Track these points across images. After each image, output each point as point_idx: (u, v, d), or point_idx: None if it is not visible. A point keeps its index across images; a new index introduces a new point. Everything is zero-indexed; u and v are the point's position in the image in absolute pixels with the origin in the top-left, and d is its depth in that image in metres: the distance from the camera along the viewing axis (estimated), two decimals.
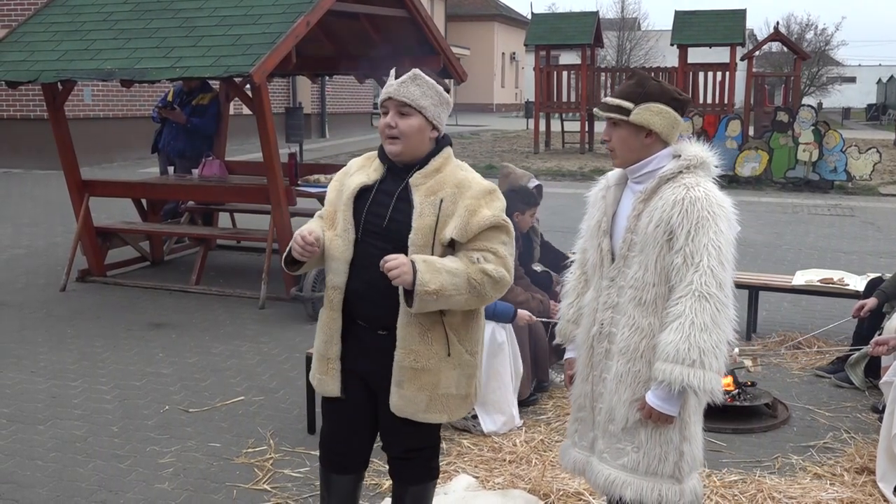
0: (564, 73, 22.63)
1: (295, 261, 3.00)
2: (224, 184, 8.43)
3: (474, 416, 4.74)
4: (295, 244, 2.90)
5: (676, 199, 2.71)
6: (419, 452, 3.09)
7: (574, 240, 3.20)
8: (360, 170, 3.02)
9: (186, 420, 4.95)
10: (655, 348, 2.73)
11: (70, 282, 7.89)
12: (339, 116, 26.62)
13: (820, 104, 46.04)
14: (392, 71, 2.92)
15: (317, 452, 4.39)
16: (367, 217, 2.91)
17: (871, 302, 5.34)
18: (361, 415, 3.08)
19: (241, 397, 5.30)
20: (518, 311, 4.86)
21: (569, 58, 32.40)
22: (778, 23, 24.84)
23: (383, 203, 2.90)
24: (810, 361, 5.98)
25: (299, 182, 8.06)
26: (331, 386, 3.05)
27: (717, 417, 4.83)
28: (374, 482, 4.11)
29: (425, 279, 2.73)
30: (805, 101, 36.22)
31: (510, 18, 50.34)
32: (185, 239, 9.30)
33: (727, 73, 19.98)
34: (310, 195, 7.98)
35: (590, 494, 3.98)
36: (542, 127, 22.91)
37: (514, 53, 51.84)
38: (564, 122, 24.44)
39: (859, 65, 64.44)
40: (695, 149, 2.84)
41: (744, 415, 4.95)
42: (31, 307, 7.27)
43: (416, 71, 2.88)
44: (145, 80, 7.00)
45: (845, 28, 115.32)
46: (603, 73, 23.29)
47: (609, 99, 2.88)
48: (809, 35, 51.22)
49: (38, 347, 6.21)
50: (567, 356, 3.21)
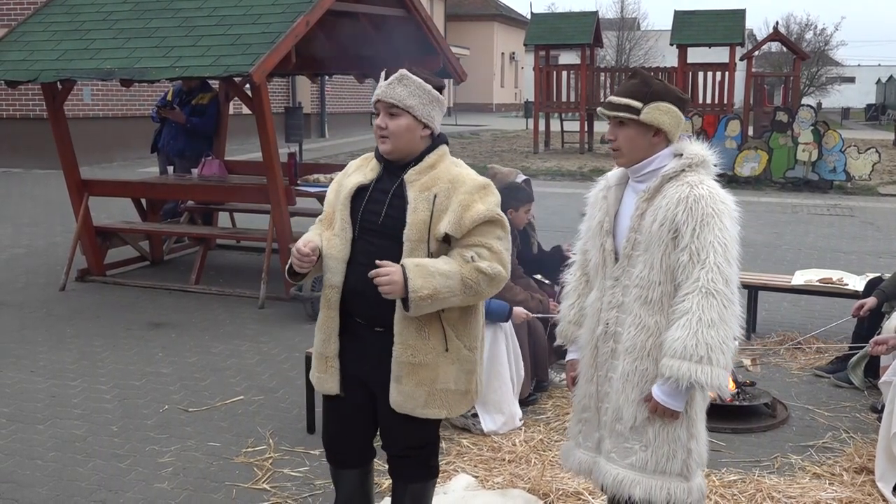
0: (564, 73, 22.64)
1: (297, 272, 3.04)
2: (223, 183, 8.43)
3: (474, 415, 4.74)
4: (293, 258, 2.95)
5: (681, 198, 2.71)
6: (418, 451, 3.09)
7: (574, 239, 3.20)
8: (358, 170, 3.06)
9: (186, 419, 4.96)
10: (662, 345, 2.73)
11: (69, 281, 7.89)
12: (338, 116, 26.61)
13: (819, 104, 46.06)
14: (383, 73, 2.95)
15: (316, 452, 4.44)
16: (363, 215, 2.94)
17: (870, 301, 5.35)
18: (361, 412, 3.10)
19: (241, 397, 5.31)
20: (514, 309, 4.87)
21: (568, 58, 32.40)
22: (777, 23, 24.87)
23: (379, 200, 2.93)
24: (809, 361, 5.99)
25: (299, 182, 8.06)
26: (330, 384, 3.07)
27: (716, 417, 4.83)
28: (374, 482, 4.10)
29: (417, 285, 2.76)
30: (804, 101, 36.22)
31: (510, 18, 50.34)
32: (185, 238, 9.30)
33: (726, 73, 19.98)
34: (309, 195, 7.98)
35: (589, 494, 3.98)
36: (541, 127, 22.91)
37: (513, 53, 51.84)
38: (564, 122, 24.45)
39: (858, 65, 64.47)
40: (696, 147, 2.84)
41: (743, 414, 4.95)
42: (31, 307, 7.27)
43: (403, 71, 2.91)
44: (145, 79, 7.00)
45: (845, 28, 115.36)
46: (602, 73, 23.31)
47: (615, 98, 2.86)
48: (809, 35, 51.28)
49: (38, 347, 6.21)
50: (569, 357, 3.20)
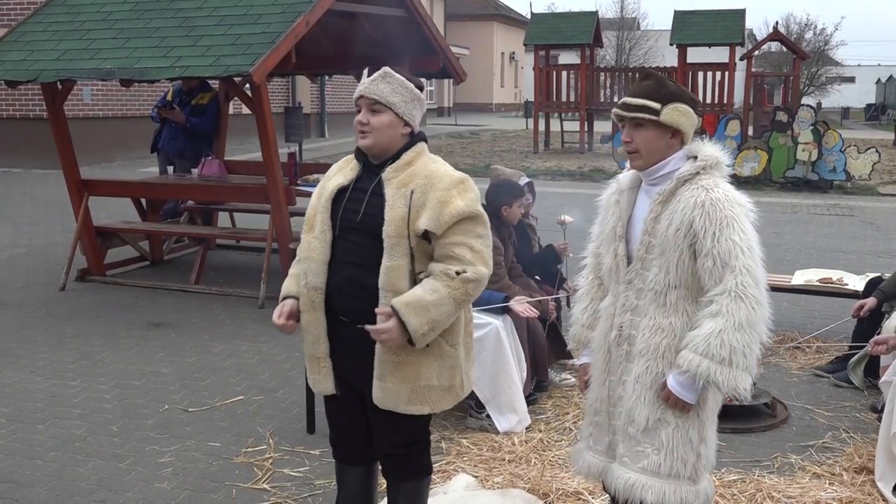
0: (564, 73, 22.64)
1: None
2: (223, 183, 8.43)
3: (488, 416, 4.74)
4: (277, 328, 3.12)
5: (697, 202, 2.68)
6: (408, 448, 3.11)
7: (573, 239, 3.20)
8: (339, 172, 3.11)
9: (186, 419, 4.96)
10: (686, 339, 2.70)
11: (69, 281, 7.89)
12: (338, 116, 26.60)
13: (819, 104, 46.05)
14: (365, 70, 2.99)
15: (316, 452, 4.45)
16: (343, 214, 2.98)
17: (870, 302, 5.35)
18: (358, 411, 3.12)
19: (241, 397, 5.31)
20: (512, 299, 4.85)
21: (568, 57, 32.39)
22: (777, 22, 24.85)
23: (358, 199, 2.97)
24: (809, 361, 5.99)
25: (299, 182, 8.06)
26: (325, 384, 3.11)
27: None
28: (377, 481, 4.10)
29: (415, 325, 2.81)
30: (804, 100, 36.23)
31: (509, 18, 50.33)
32: (185, 238, 9.30)
33: (726, 73, 19.98)
34: (309, 195, 7.90)
35: (589, 494, 3.98)
36: (541, 127, 22.91)
37: (513, 53, 51.83)
38: (564, 122, 24.45)
39: (858, 65, 64.44)
40: (710, 149, 2.80)
41: (743, 414, 4.94)
42: (31, 306, 7.27)
43: (387, 69, 2.95)
44: (145, 79, 7.00)
45: (844, 28, 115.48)
46: (602, 73, 23.30)
47: (631, 99, 2.82)
48: (809, 35, 51.28)
49: (38, 347, 6.21)
50: (582, 361, 3.18)
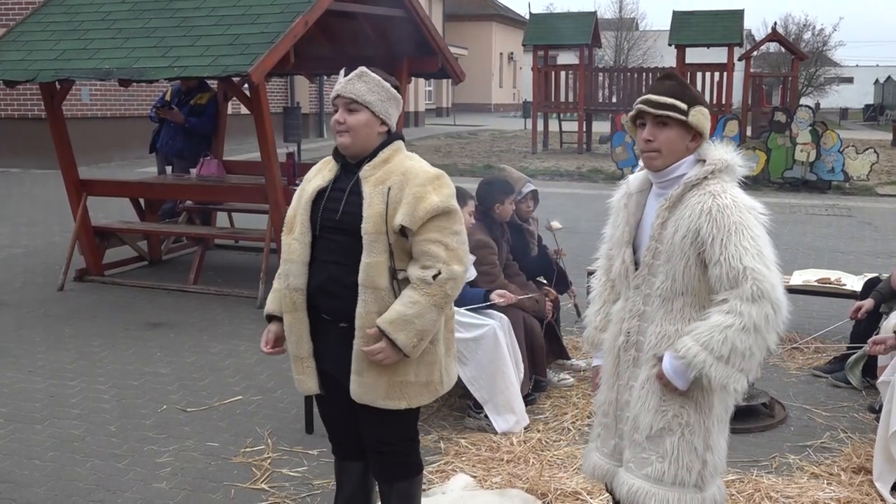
0: (562, 73, 22.67)
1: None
2: (222, 183, 8.43)
3: (486, 416, 4.75)
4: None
5: (703, 209, 2.63)
6: (397, 446, 3.13)
7: (572, 239, 3.20)
8: (318, 174, 3.13)
9: (184, 419, 4.96)
10: (691, 326, 2.67)
11: (68, 281, 7.89)
12: None
13: (817, 104, 46.06)
14: (342, 70, 3.01)
15: (314, 452, 4.46)
16: (322, 214, 3.01)
17: (867, 303, 5.35)
18: (349, 408, 3.13)
19: (239, 397, 5.31)
20: (491, 293, 4.85)
21: (567, 58, 32.44)
22: (776, 23, 24.88)
23: (337, 199, 3.00)
24: (808, 361, 5.99)
25: (297, 182, 8.03)
26: (309, 384, 3.15)
27: None
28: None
29: (403, 340, 2.86)
30: (803, 101, 36.24)
31: (508, 18, 50.33)
32: (183, 238, 9.30)
33: (725, 74, 20.01)
34: None
35: (587, 494, 3.98)
36: (539, 127, 22.92)
37: (512, 53, 51.84)
38: (562, 122, 24.47)
39: (857, 65, 64.45)
40: (719, 152, 2.75)
41: (741, 414, 4.93)
42: (29, 307, 7.26)
43: (363, 68, 2.98)
44: (143, 79, 7.00)
45: (843, 28, 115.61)
46: (601, 74, 23.31)
47: (658, 97, 2.75)
48: (807, 35, 51.26)
49: (36, 347, 6.21)
50: (595, 363, 3.17)
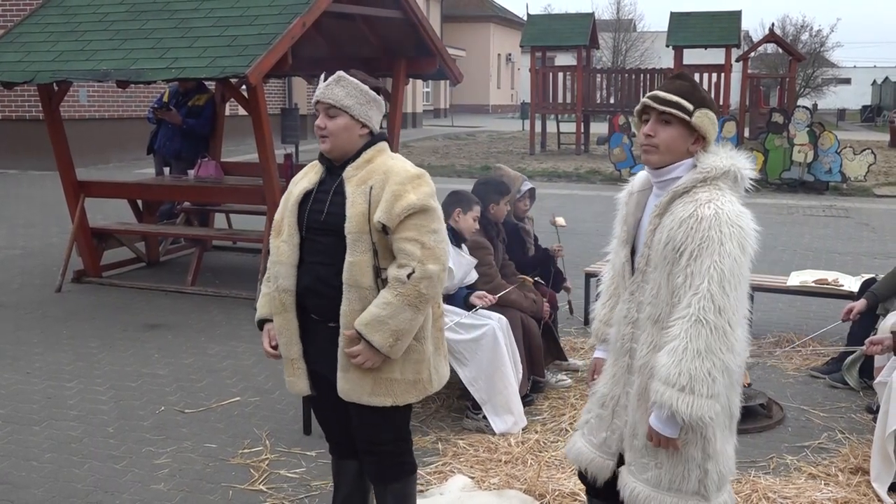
0: (560, 75, 22.69)
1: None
2: (220, 184, 8.43)
3: (484, 417, 4.75)
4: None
5: (684, 218, 2.62)
6: (389, 446, 3.14)
7: (571, 239, 3.20)
8: (304, 177, 3.17)
9: (182, 421, 4.95)
10: (653, 368, 2.66)
11: (65, 283, 7.88)
12: None
13: (815, 105, 46.11)
14: (322, 75, 3.04)
15: (312, 453, 4.46)
16: (309, 216, 3.05)
17: (859, 304, 5.33)
18: (342, 406, 3.13)
19: (237, 398, 5.31)
20: (471, 295, 4.85)
21: (564, 59, 32.47)
22: (773, 24, 24.89)
23: (322, 200, 3.03)
24: (805, 362, 6.00)
25: None
26: (300, 385, 3.17)
27: None
28: None
29: (378, 341, 2.89)
30: (800, 102, 36.28)
31: (506, 19, 50.36)
32: (181, 240, 9.29)
33: (722, 75, 20.02)
34: None
35: (585, 494, 3.98)
36: (537, 128, 22.93)
37: (509, 54, 51.87)
38: (560, 124, 24.48)
39: (854, 66, 64.53)
40: (713, 159, 2.70)
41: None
42: (27, 308, 7.26)
43: (341, 73, 3.01)
44: (141, 80, 6.99)
45: (840, 29, 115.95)
46: (598, 75, 23.33)
47: (664, 94, 2.72)
48: (804, 36, 51.27)
49: (34, 348, 6.20)
50: (596, 356, 3.16)
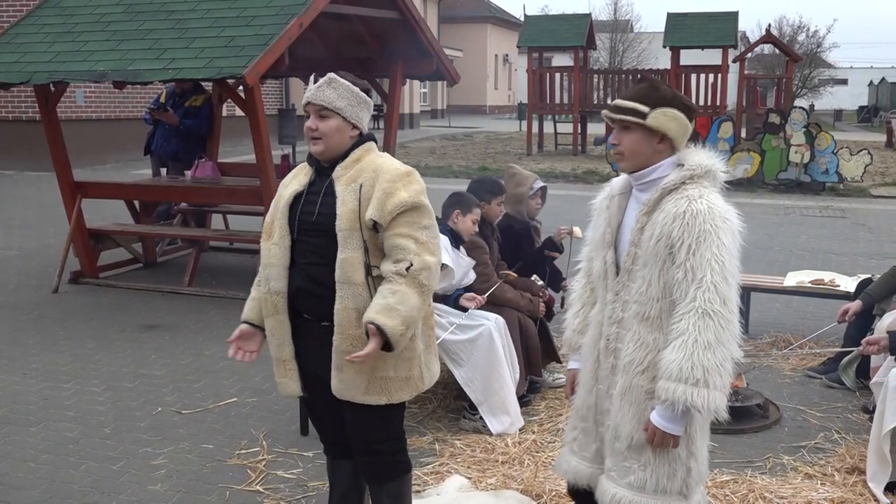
0: (557, 75, 22.71)
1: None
2: (217, 185, 8.42)
3: (481, 418, 4.75)
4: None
5: (678, 213, 2.64)
6: (383, 445, 3.14)
7: (567, 240, 3.20)
8: (294, 179, 3.18)
9: (179, 421, 4.95)
10: (658, 366, 2.66)
11: (62, 283, 7.88)
12: None
13: (812, 106, 46.13)
14: (312, 76, 3.06)
15: (309, 454, 4.46)
16: (300, 217, 3.06)
17: (855, 305, 5.33)
18: (334, 406, 3.14)
19: (234, 399, 5.30)
20: (461, 296, 4.85)
21: (561, 60, 32.52)
22: (770, 25, 24.89)
23: (312, 201, 3.05)
24: (802, 362, 6.01)
25: None
26: (291, 387, 3.18)
27: None
28: None
29: (391, 326, 2.86)
30: (797, 102, 36.31)
31: (503, 20, 50.37)
32: (178, 240, 9.28)
33: (719, 75, 20.04)
34: None
35: None
36: (534, 129, 22.95)
37: (507, 55, 51.88)
38: (557, 124, 24.49)
39: (851, 67, 64.54)
40: (698, 157, 2.75)
41: (735, 415, 4.93)
42: (24, 309, 7.25)
43: (332, 75, 3.04)
44: (138, 81, 6.99)
45: (837, 30, 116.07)
46: (595, 75, 23.33)
47: (621, 101, 2.79)
48: (801, 37, 51.25)
49: (31, 349, 6.20)
50: (570, 367, 3.15)
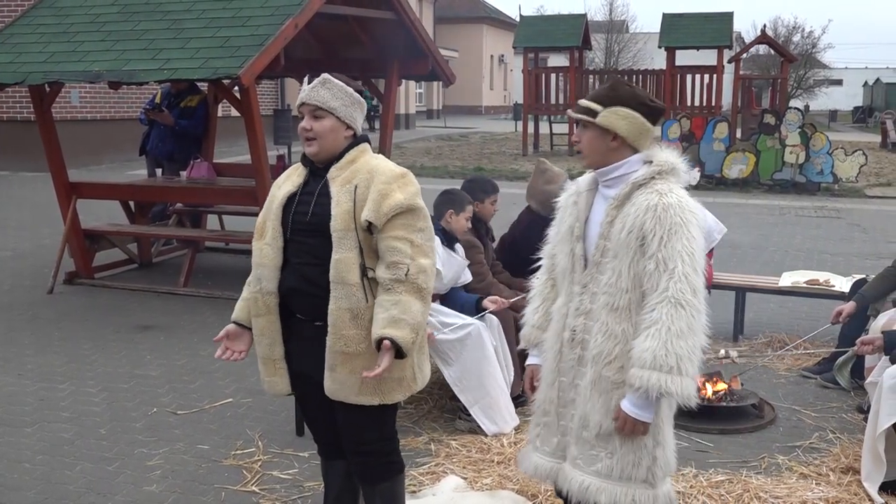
0: (553, 76, 22.69)
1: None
2: (212, 186, 8.42)
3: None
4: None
5: (649, 206, 2.73)
6: (376, 446, 3.14)
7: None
8: (287, 180, 3.19)
9: (174, 422, 4.95)
10: (631, 355, 2.73)
11: (57, 284, 7.87)
12: None
13: (807, 106, 46.25)
14: (305, 77, 3.08)
15: (305, 454, 4.46)
16: (294, 217, 3.06)
17: (848, 307, 5.32)
18: (327, 407, 3.14)
19: (230, 399, 5.30)
20: (484, 299, 4.86)
21: (557, 60, 32.50)
22: (765, 25, 24.99)
23: (306, 202, 3.05)
24: (797, 362, 6.02)
25: None
26: (281, 386, 3.18)
27: (704, 418, 4.87)
28: None
29: (403, 337, 2.88)
30: (792, 103, 36.34)
31: (498, 21, 50.39)
32: (173, 241, 9.28)
33: (714, 76, 20.06)
34: None
35: None
36: (530, 129, 22.96)
37: (502, 56, 51.88)
38: (553, 125, 24.50)
39: (846, 67, 64.67)
40: (665, 155, 2.86)
41: (730, 415, 4.97)
42: (19, 309, 7.24)
43: (326, 75, 3.05)
44: (133, 81, 6.98)
45: (832, 31, 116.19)
46: (591, 76, 23.35)
47: (581, 101, 2.94)
48: (796, 38, 51.35)
49: (26, 350, 6.19)
50: (530, 362, 3.19)
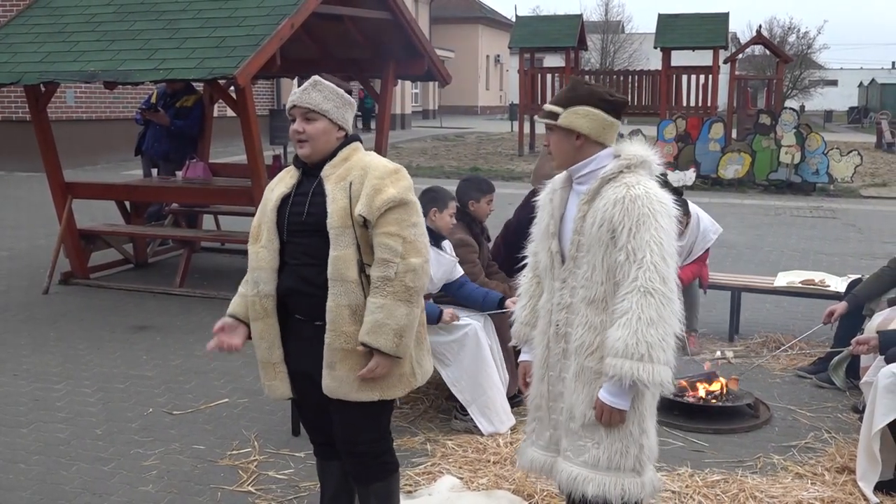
0: (548, 76, 22.71)
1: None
2: (208, 186, 8.41)
3: (472, 418, 4.75)
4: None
5: (617, 198, 2.78)
6: (370, 446, 3.15)
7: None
8: (280, 182, 3.20)
9: (170, 422, 4.95)
10: (606, 345, 2.77)
11: (53, 284, 7.85)
12: None
13: (802, 107, 46.33)
14: (295, 80, 3.05)
15: (301, 454, 4.46)
16: (289, 218, 3.07)
17: (840, 307, 5.34)
18: (324, 407, 3.15)
19: (226, 399, 5.30)
20: (443, 311, 4.81)
21: (553, 60, 32.53)
22: (760, 26, 24.99)
23: (301, 202, 3.07)
24: (792, 362, 6.03)
25: None
26: (281, 389, 3.19)
27: (699, 418, 4.88)
28: None
29: (385, 344, 2.91)
30: (787, 103, 36.39)
31: (494, 21, 50.41)
32: (169, 241, 9.27)
33: (710, 76, 20.08)
34: None
35: None
36: (526, 129, 22.98)
37: (498, 56, 51.92)
38: None
39: (841, 68, 64.79)
40: (634, 148, 2.90)
41: (726, 415, 4.98)
42: (14, 310, 7.23)
43: (316, 77, 3.07)
44: (129, 81, 6.97)
45: (827, 31, 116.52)
46: (587, 76, 23.36)
47: (545, 105, 3.02)
48: (792, 38, 51.42)
49: (21, 350, 6.18)
50: (522, 359, 3.24)
